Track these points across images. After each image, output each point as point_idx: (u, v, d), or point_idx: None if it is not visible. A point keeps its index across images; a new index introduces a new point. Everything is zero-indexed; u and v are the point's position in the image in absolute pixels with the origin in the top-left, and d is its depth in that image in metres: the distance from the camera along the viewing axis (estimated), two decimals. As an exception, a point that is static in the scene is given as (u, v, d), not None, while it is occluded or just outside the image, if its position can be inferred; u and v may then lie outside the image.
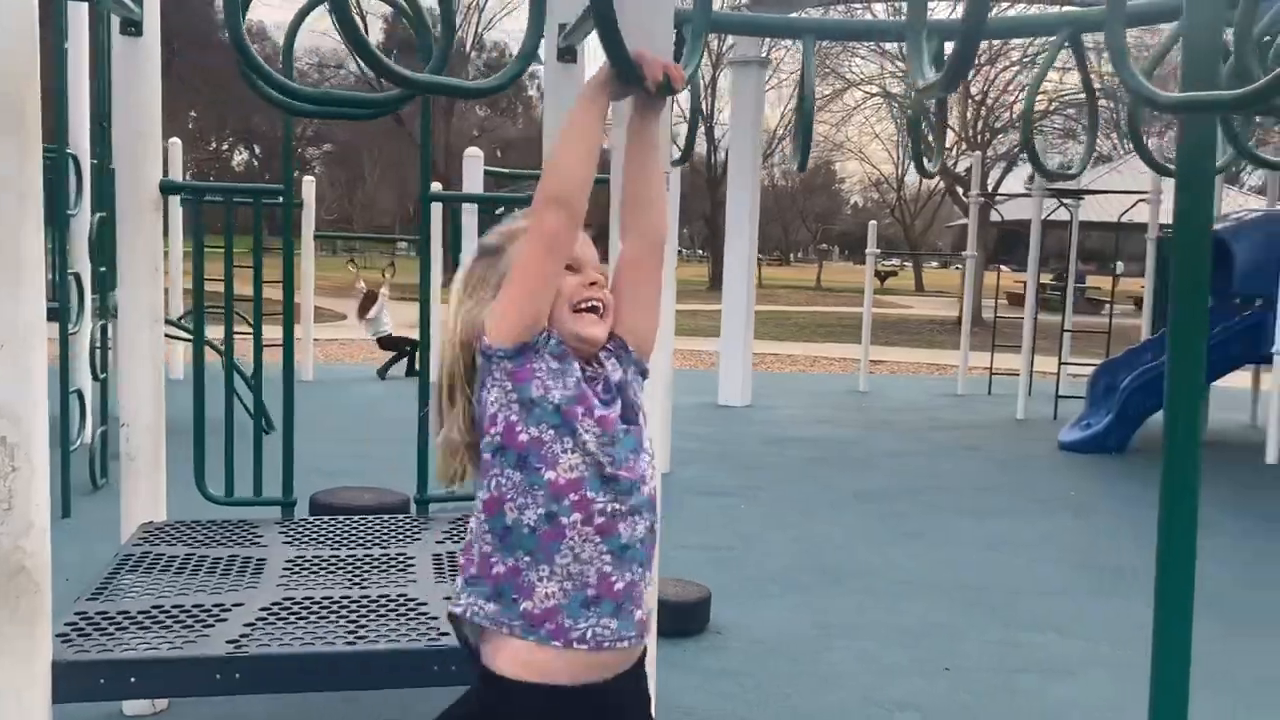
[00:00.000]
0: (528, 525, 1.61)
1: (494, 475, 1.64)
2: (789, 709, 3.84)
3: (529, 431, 1.61)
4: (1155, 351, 9.69)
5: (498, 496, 1.63)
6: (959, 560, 5.86)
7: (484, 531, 1.65)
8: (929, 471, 8.28)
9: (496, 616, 1.62)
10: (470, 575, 1.67)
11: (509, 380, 1.62)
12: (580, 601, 1.61)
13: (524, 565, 1.61)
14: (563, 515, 1.60)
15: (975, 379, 13.31)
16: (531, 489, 1.60)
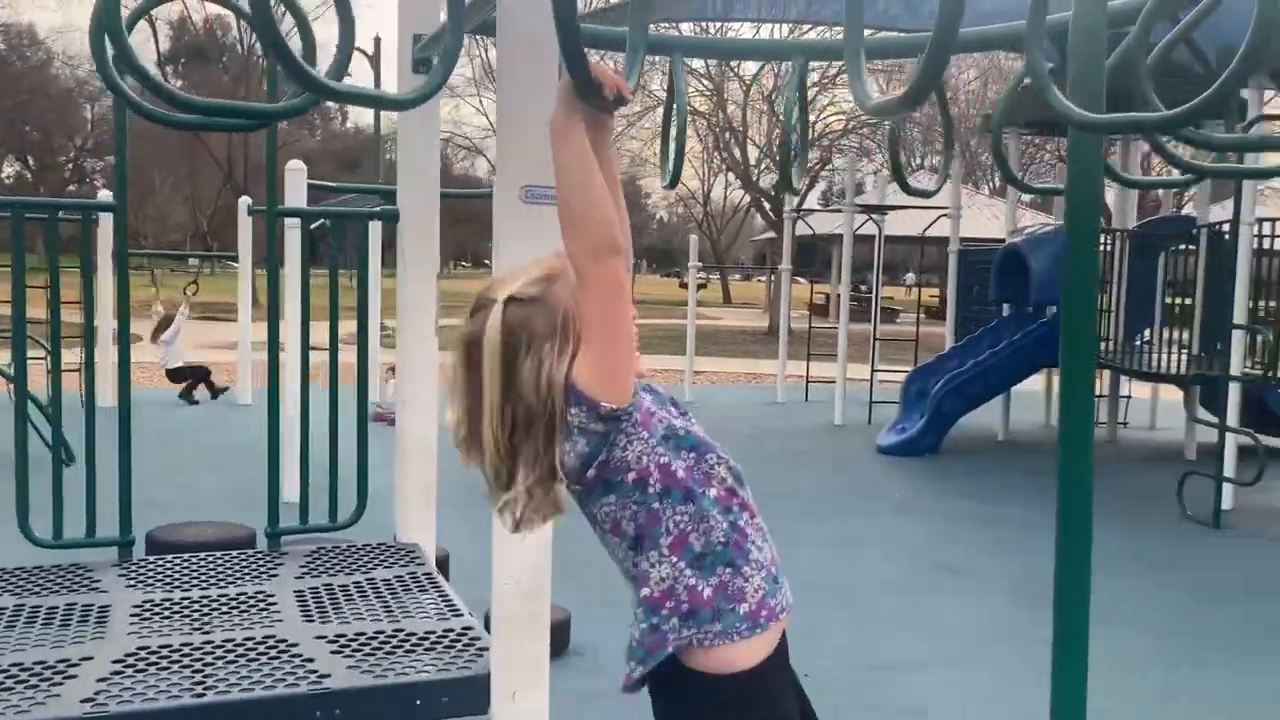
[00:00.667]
0: (719, 543, 1.67)
1: (669, 518, 1.66)
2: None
3: (680, 466, 1.66)
4: (960, 358, 10.23)
5: (682, 534, 1.66)
6: (806, 563, 5.97)
7: (681, 570, 1.66)
8: (765, 477, 8.32)
9: (723, 632, 1.66)
10: (684, 611, 1.66)
11: (642, 430, 1.64)
12: (772, 580, 1.73)
13: (728, 576, 1.67)
14: (739, 519, 1.70)
15: (792, 387, 13.71)
16: (708, 512, 1.66)
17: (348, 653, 2.69)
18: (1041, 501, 7.47)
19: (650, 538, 1.67)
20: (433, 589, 3.22)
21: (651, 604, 1.67)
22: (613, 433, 1.63)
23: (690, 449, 1.67)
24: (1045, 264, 9.49)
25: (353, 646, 2.73)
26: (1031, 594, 5.51)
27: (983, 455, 9.93)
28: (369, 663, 2.64)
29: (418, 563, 3.48)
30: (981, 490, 8.29)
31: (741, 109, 27.17)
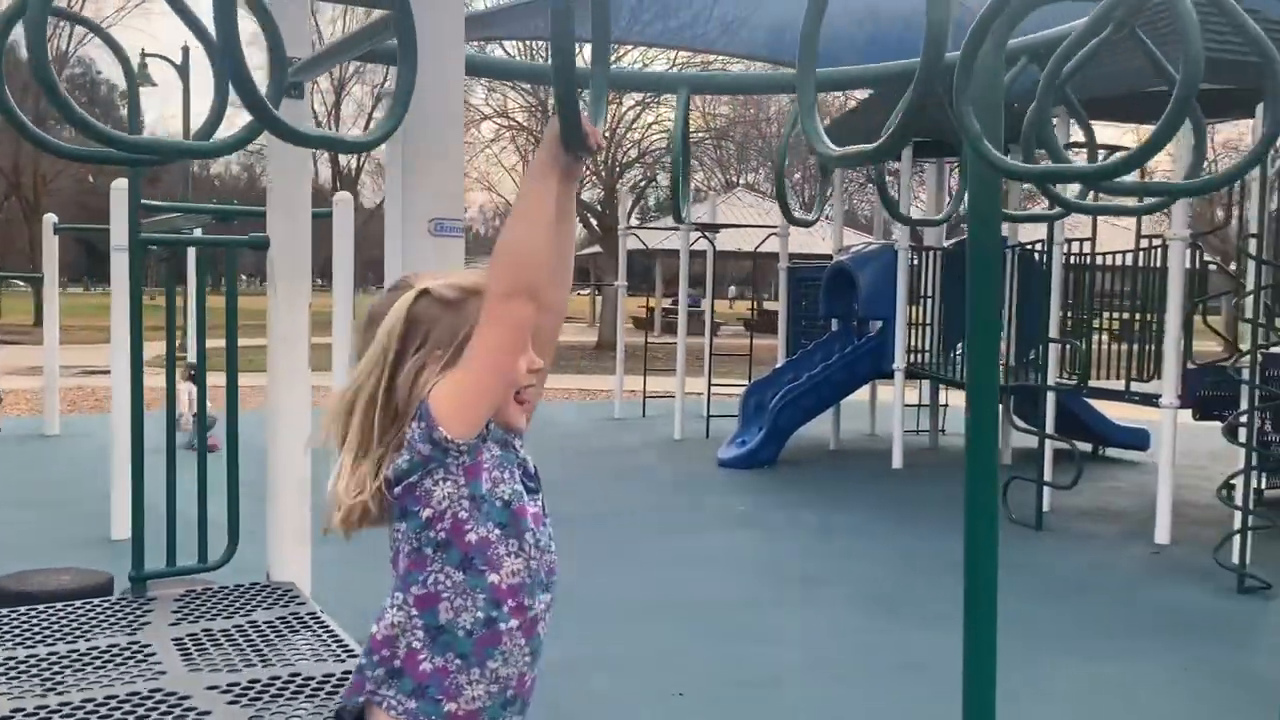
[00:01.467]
0: (463, 628, 1.55)
1: (432, 571, 1.55)
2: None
3: (477, 531, 1.54)
4: (795, 371, 10.59)
5: (434, 594, 1.55)
6: (663, 580, 6.09)
7: (415, 626, 1.56)
8: (609, 495, 8.53)
9: (415, 713, 1.55)
10: (394, 668, 1.56)
11: (463, 475, 1.53)
12: (501, 703, 1.59)
13: (454, 668, 1.55)
14: (501, 621, 1.56)
15: (629, 402, 13.86)
16: (472, 591, 1.54)
17: (245, 702, 2.59)
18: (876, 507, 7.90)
19: (406, 580, 1.57)
20: (320, 629, 3.12)
21: (373, 644, 1.58)
22: (434, 462, 1.53)
23: (498, 524, 1.56)
24: (871, 280, 9.95)
25: (249, 696, 2.62)
26: (879, 601, 5.79)
27: (818, 465, 10.31)
28: (270, 712, 2.54)
29: (298, 602, 3.37)
30: (819, 499, 8.61)
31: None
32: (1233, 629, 5.50)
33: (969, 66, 1.65)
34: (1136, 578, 6.48)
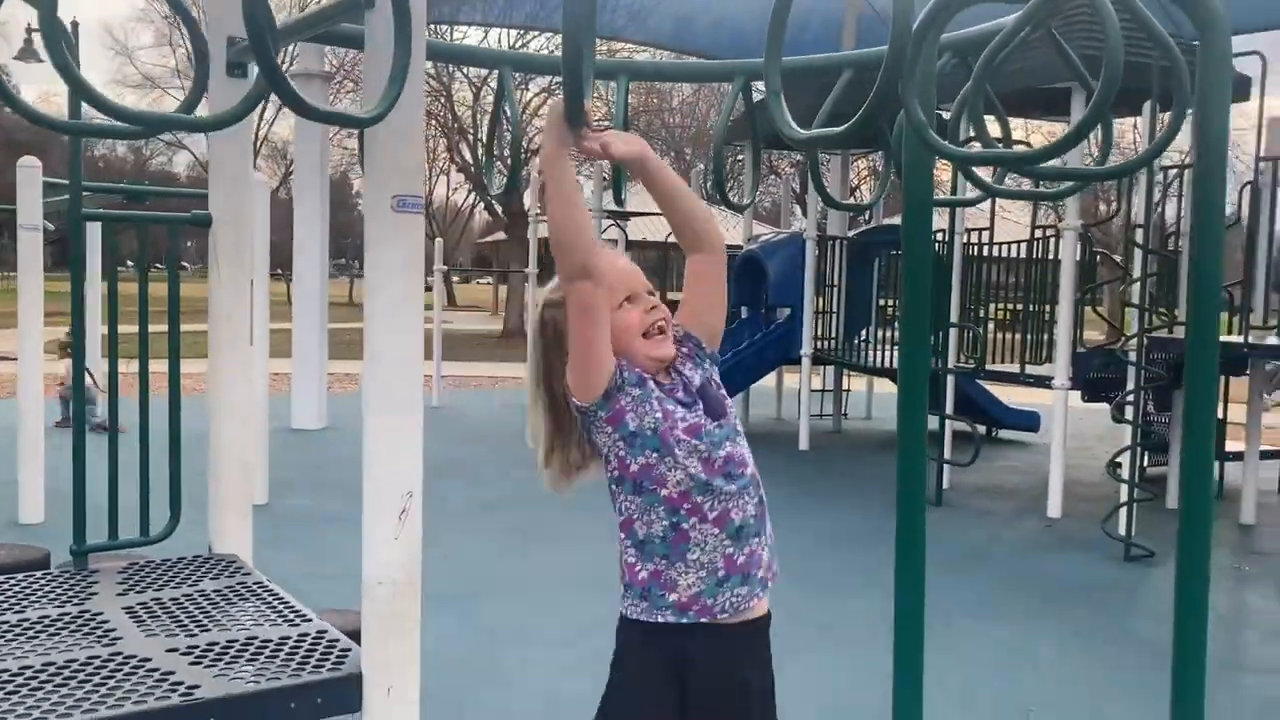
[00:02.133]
0: (658, 536, 1.92)
1: (620, 501, 1.97)
2: (494, 715, 3.93)
3: (637, 461, 1.90)
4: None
5: (628, 518, 1.96)
6: (594, 556, 6.21)
7: (626, 546, 1.97)
8: (528, 479, 8.62)
9: (650, 611, 1.94)
10: (626, 582, 2.00)
11: (608, 425, 1.90)
12: (715, 583, 1.93)
13: (663, 567, 1.93)
14: (683, 522, 1.91)
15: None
16: (652, 507, 1.91)
17: (207, 663, 2.65)
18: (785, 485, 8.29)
19: (616, 510, 1.97)
20: (269, 595, 3.19)
21: (620, 565, 2.00)
22: (587, 422, 1.90)
23: (653, 450, 1.89)
24: (781, 269, 10.22)
25: (210, 657, 2.69)
26: (790, 571, 5.97)
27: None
28: (233, 672, 2.61)
29: (244, 572, 3.42)
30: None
31: (471, 110, 27.15)
32: (1119, 594, 5.88)
33: (915, 63, 1.83)
34: (1030, 549, 6.86)
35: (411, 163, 2.55)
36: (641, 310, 1.93)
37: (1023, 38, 2.07)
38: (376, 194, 2.52)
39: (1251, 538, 7.44)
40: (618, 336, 1.90)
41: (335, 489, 7.93)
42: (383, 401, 2.59)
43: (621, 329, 1.91)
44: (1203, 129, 1.98)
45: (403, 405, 2.61)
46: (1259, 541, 7.28)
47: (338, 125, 2.11)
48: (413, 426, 2.64)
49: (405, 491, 2.62)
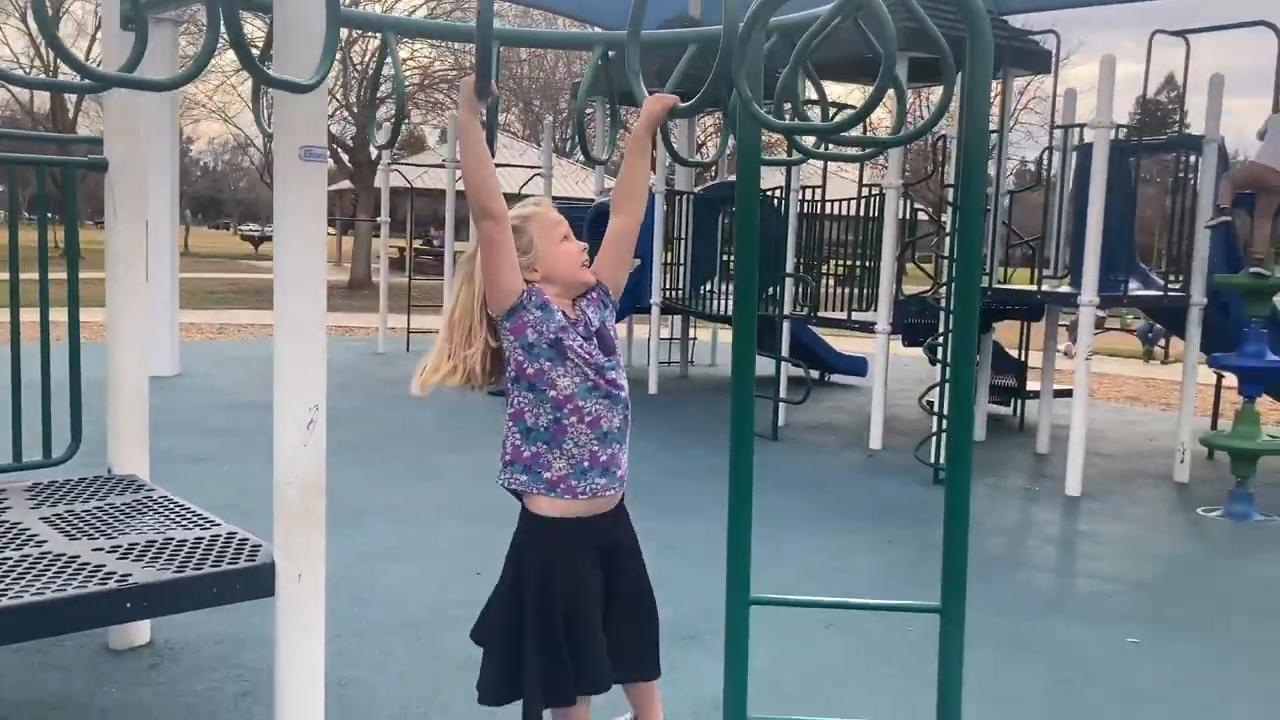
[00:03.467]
0: (542, 426, 2.40)
1: (515, 396, 2.45)
2: (367, 627, 4.35)
3: (533, 366, 2.37)
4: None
5: (519, 410, 2.45)
6: (455, 488, 6.68)
7: (514, 431, 2.47)
8: (391, 419, 8.97)
9: (528, 484, 2.48)
10: (508, 460, 2.51)
11: (511, 334, 2.36)
12: (580, 471, 2.45)
13: (542, 451, 2.43)
14: (564, 419, 2.40)
15: (392, 339, 14.16)
16: (541, 404, 2.39)
17: (133, 558, 3.00)
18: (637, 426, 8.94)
19: (508, 409, 2.44)
20: (178, 507, 3.52)
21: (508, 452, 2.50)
22: (498, 330, 2.39)
23: (547, 359, 2.38)
24: (630, 222, 10.71)
25: (134, 555, 3.03)
26: (642, 499, 6.50)
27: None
28: (159, 563, 2.97)
29: (147, 489, 3.73)
30: (584, 422, 9.38)
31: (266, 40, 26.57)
32: (927, 511, 6.68)
33: (745, 45, 2.33)
34: (854, 475, 7.64)
35: (317, 115, 2.91)
36: (580, 247, 2.48)
37: (832, 26, 2.61)
38: (285, 144, 2.88)
39: (1044, 464, 8.42)
40: (563, 262, 2.44)
41: (193, 430, 8.11)
42: (292, 327, 2.96)
43: (566, 255, 2.45)
44: (969, 104, 2.55)
45: (309, 330, 2.99)
46: (1048, 468, 8.26)
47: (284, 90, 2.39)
48: (318, 348, 3.02)
49: (312, 405, 3.01)
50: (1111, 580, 5.47)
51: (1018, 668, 4.19)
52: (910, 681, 3.97)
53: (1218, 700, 3.98)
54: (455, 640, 4.20)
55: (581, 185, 27.97)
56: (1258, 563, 5.89)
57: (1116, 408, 11.90)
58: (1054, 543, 6.33)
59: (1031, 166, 8.26)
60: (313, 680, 3.07)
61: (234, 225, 70.33)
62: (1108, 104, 7.11)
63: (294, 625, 3.01)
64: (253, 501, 5.85)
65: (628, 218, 2.61)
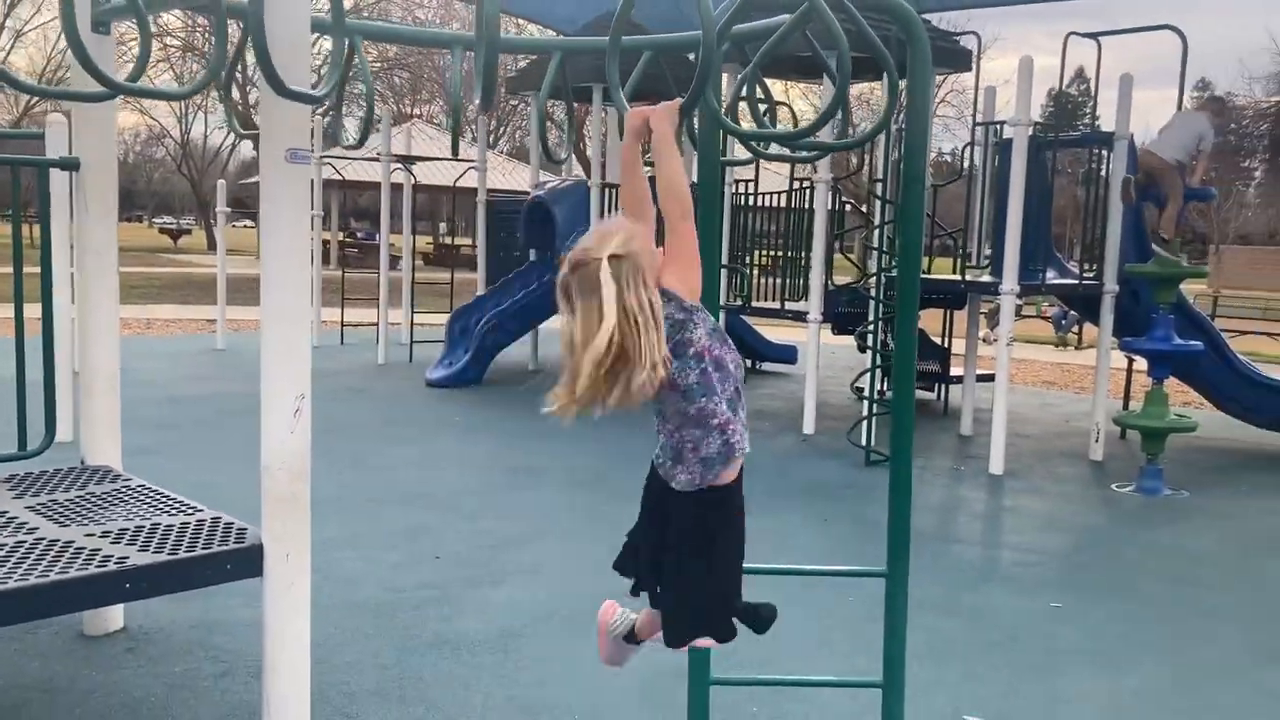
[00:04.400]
0: (729, 396, 2.37)
1: (708, 377, 2.34)
2: (332, 610, 4.51)
3: (716, 347, 2.35)
4: (498, 299, 11.42)
5: (711, 388, 2.35)
6: (402, 478, 6.81)
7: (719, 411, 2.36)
8: (332, 412, 9.02)
9: (739, 452, 2.43)
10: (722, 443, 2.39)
11: (702, 323, 2.36)
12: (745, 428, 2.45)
13: (736, 416, 2.40)
14: (740, 386, 2.43)
15: (326, 332, 14.15)
16: (725, 380, 2.36)
17: (125, 542, 3.13)
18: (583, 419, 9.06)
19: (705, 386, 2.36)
20: (157, 495, 3.64)
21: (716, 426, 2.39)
22: (690, 319, 2.34)
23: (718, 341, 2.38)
24: (567, 214, 10.90)
25: (126, 539, 3.16)
26: (584, 484, 6.82)
27: (520, 382, 11.25)
28: (152, 547, 3.11)
29: (124, 479, 3.84)
30: (526, 410, 9.49)
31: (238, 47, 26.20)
32: (859, 490, 7.01)
33: (709, 63, 2.55)
34: (789, 459, 7.94)
35: (302, 119, 3.07)
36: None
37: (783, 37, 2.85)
38: (272, 147, 3.04)
39: (968, 446, 8.82)
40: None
41: (133, 425, 8.08)
42: (279, 319, 3.11)
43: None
44: (909, 111, 2.82)
45: (296, 323, 3.15)
46: (972, 449, 8.66)
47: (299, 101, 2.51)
48: (304, 341, 3.18)
49: (299, 394, 3.17)
50: (1034, 551, 5.83)
51: (952, 630, 4.50)
52: (854, 646, 4.26)
53: (1131, 656, 4.34)
54: (420, 620, 4.40)
55: (510, 178, 28.07)
56: (1166, 533, 6.32)
57: (1035, 391, 12.43)
58: (981, 518, 6.70)
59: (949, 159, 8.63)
60: (301, 657, 3.23)
61: (148, 218, 68.77)
62: (1026, 103, 7.49)
63: (283, 603, 3.17)
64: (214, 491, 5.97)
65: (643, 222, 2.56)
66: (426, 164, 16.03)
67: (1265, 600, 5.15)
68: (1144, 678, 4.12)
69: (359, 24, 3.85)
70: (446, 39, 3.69)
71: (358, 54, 3.75)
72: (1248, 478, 8.04)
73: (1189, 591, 5.20)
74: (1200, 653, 4.41)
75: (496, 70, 2.27)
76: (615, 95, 2.59)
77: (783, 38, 2.80)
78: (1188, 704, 3.89)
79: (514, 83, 12.58)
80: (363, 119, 3.79)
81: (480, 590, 4.80)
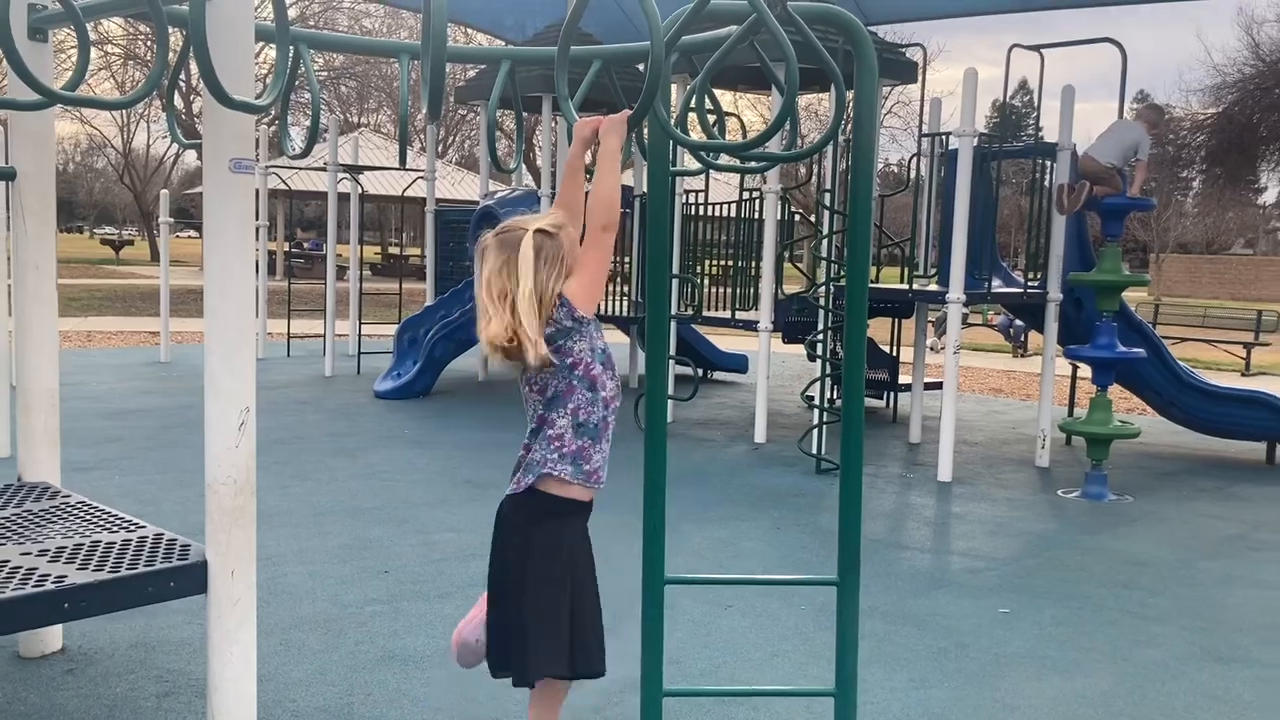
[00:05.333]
0: (592, 423, 2.59)
1: (574, 393, 2.56)
2: (277, 626, 4.44)
3: (596, 366, 2.57)
4: (447, 309, 11.34)
5: (576, 407, 2.57)
6: (351, 491, 6.73)
7: (567, 426, 2.58)
8: (279, 425, 8.92)
9: (572, 475, 2.61)
10: (555, 452, 2.59)
11: (588, 339, 2.56)
12: (605, 463, 2.67)
13: (587, 445, 2.60)
14: (608, 417, 2.62)
15: (272, 344, 13.99)
16: (594, 403, 2.58)
17: (64, 561, 3.06)
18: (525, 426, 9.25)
19: (561, 401, 2.57)
20: (99, 512, 3.56)
21: (548, 441, 2.59)
22: (575, 329, 2.53)
23: (601, 363, 2.58)
24: (516, 224, 10.86)
25: (64, 558, 3.08)
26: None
27: (470, 394, 11.18)
28: (92, 565, 3.04)
29: (63, 495, 3.75)
30: (476, 422, 9.49)
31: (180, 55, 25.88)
32: (810, 498, 7.05)
33: (658, 74, 2.55)
34: (740, 467, 7.97)
35: (246, 129, 3.03)
36: None
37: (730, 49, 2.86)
38: (215, 157, 2.99)
39: (917, 453, 8.91)
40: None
41: (76, 440, 7.94)
42: (224, 332, 3.06)
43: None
44: (856, 125, 2.84)
45: (241, 336, 3.10)
46: (921, 456, 8.74)
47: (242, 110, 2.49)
48: (248, 354, 3.13)
49: (244, 407, 3.12)
50: (983, 557, 5.90)
51: (902, 637, 4.53)
52: (806, 654, 4.28)
53: (1076, 659, 4.39)
54: (369, 635, 4.34)
55: (460, 187, 27.92)
56: (1111, 538, 6.42)
57: (982, 399, 12.59)
58: (930, 524, 6.76)
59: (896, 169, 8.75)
60: (246, 675, 3.17)
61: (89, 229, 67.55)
62: (970, 114, 7.60)
63: (227, 620, 3.11)
64: (155, 507, 5.87)
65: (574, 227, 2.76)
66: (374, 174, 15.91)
67: (1205, 602, 5.25)
68: (1089, 681, 4.17)
69: (304, 32, 3.81)
70: (393, 47, 3.67)
71: (304, 62, 3.72)
72: (1189, 482, 8.19)
73: (1132, 595, 5.29)
74: (1143, 655, 4.47)
75: (444, 79, 2.26)
76: (564, 105, 2.58)
77: (731, 49, 2.81)
78: (1132, 706, 3.95)
79: (463, 92, 12.53)
80: (309, 128, 3.75)
81: (430, 604, 4.75)
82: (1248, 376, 15.54)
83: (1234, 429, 9.05)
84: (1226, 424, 9.02)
